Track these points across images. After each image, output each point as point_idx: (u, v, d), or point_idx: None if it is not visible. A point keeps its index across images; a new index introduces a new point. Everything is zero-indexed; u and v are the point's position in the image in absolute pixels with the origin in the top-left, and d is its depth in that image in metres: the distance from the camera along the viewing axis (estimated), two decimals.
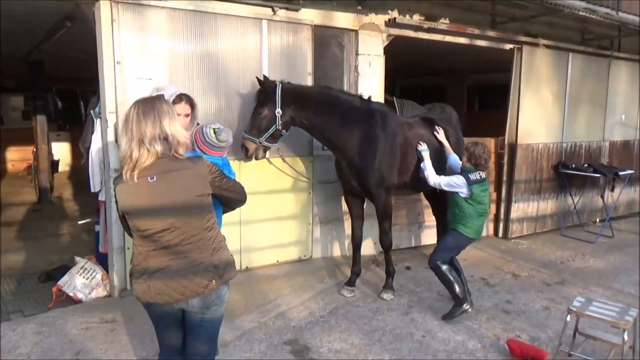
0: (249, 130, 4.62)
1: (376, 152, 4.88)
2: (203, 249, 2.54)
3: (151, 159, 2.39)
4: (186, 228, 2.48)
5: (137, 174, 2.39)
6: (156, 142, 2.38)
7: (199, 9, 4.80)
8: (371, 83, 6.11)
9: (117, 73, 4.48)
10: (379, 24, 6.07)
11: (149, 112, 2.41)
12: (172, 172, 2.43)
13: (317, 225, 5.98)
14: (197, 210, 2.51)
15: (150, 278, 2.51)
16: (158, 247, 2.49)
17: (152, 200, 2.44)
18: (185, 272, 2.50)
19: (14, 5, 5.03)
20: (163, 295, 2.51)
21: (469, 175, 4.52)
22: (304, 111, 4.68)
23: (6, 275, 5.75)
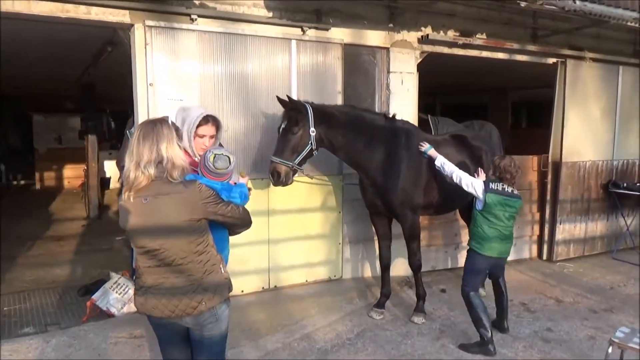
0: (280, 152, 4.39)
1: (400, 171, 4.78)
2: (193, 271, 2.59)
3: (145, 181, 2.48)
4: (174, 250, 2.55)
5: (133, 194, 2.50)
6: (150, 166, 2.47)
7: (229, 31, 4.92)
8: (403, 101, 6.03)
9: (150, 95, 4.63)
10: (411, 41, 6.01)
11: (148, 135, 2.51)
12: (163, 196, 2.50)
13: (347, 245, 5.90)
14: (185, 234, 2.55)
15: (146, 292, 2.62)
16: (153, 265, 2.58)
17: (144, 221, 2.53)
18: (175, 292, 2.57)
19: (62, 33, 5.35)
20: (156, 310, 2.61)
21: (490, 182, 4.35)
22: (332, 130, 4.60)
23: (50, 288, 6.01)
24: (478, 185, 4.35)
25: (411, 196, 4.85)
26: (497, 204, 4.28)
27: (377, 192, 4.86)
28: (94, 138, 10.45)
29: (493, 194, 4.28)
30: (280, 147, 4.42)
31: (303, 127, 4.40)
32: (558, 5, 5.37)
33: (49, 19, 4.25)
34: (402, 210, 4.86)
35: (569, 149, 7.08)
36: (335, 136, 4.62)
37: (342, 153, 4.77)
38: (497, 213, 4.29)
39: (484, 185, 4.33)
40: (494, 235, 4.33)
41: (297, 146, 4.42)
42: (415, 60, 6.07)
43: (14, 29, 5.09)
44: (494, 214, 4.30)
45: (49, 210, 11.31)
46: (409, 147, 4.87)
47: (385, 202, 4.86)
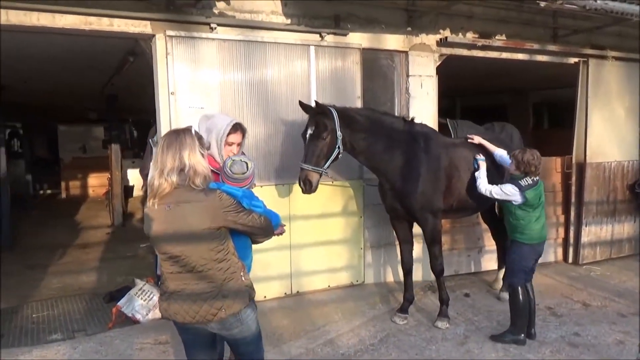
0: (310, 159, 4.33)
1: (419, 175, 4.76)
2: (213, 278, 2.63)
3: (168, 188, 2.54)
4: (195, 257, 2.59)
5: (157, 201, 2.57)
6: (173, 173, 2.53)
7: (248, 38, 4.97)
8: (423, 104, 6.00)
9: (171, 103, 4.70)
10: (430, 44, 5.98)
11: (172, 144, 2.59)
12: (185, 204, 2.55)
13: (369, 250, 5.88)
14: (205, 241, 2.59)
15: (169, 298, 2.69)
16: (175, 271, 2.64)
17: (166, 227, 2.59)
18: (196, 298, 2.62)
19: (86, 45, 5.47)
20: (178, 315, 2.67)
21: (519, 182, 4.39)
22: (354, 133, 4.57)
23: (76, 295, 6.13)
24: (512, 190, 4.39)
25: (431, 200, 4.82)
26: (534, 197, 4.41)
27: (396, 196, 4.85)
28: (117, 147, 10.64)
29: (529, 191, 4.37)
30: (310, 154, 4.36)
31: (331, 132, 4.38)
32: (579, 5, 5.29)
33: (73, 31, 4.36)
34: (422, 214, 4.83)
35: (593, 150, 6.95)
36: (357, 139, 4.60)
37: (362, 157, 4.76)
38: (534, 203, 4.43)
39: (517, 187, 4.38)
40: (536, 220, 4.46)
41: (327, 151, 4.40)
42: (434, 63, 6.04)
43: (39, 42, 5.24)
44: (531, 205, 4.42)
45: (74, 218, 11.55)
46: (428, 151, 4.84)
47: (405, 206, 4.83)
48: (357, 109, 4.83)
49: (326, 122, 4.37)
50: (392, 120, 4.89)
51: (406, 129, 4.88)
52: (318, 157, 4.37)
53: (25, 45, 5.48)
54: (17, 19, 4.14)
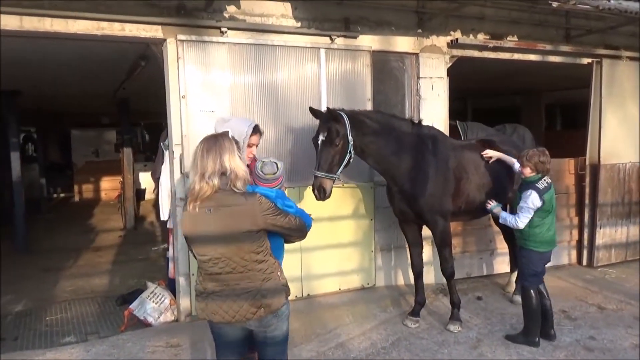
0: (323, 166, 4.28)
1: (428, 177, 4.73)
2: (253, 279, 2.70)
3: (210, 191, 2.58)
4: (235, 259, 2.66)
5: (198, 205, 2.61)
6: (215, 177, 2.58)
7: (258, 42, 4.99)
8: (434, 106, 5.97)
9: (182, 107, 4.73)
10: (440, 46, 5.95)
11: (211, 148, 2.63)
12: (226, 207, 2.61)
13: (379, 253, 5.86)
14: (246, 244, 2.65)
15: (207, 298, 2.74)
16: (214, 272, 2.70)
17: (207, 230, 2.64)
18: (236, 298, 2.69)
19: (97, 51, 5.53)
20: (217, 315, 2.73)
21: (537, 186, 4.31)
22: (364, 137, 4.56)
23: (89, 298, 6.18)
24: (535, 199, 4.29)
25: (440, 202, 4.79)
26: (549, 200, 4.35)
27: (405, 198, 4.82)
28: (129, 151, 10.73)
29: (547, 193, 4.32)
30: (323, 161, 4.31)
31: (343, 137, 4.35)
32: (592, 5, 5.23)
33: (86, 36, 4.41)
34: (431, 217, 4.80)
35: (608, 151, 6.86)
36: (367, 143, 4.59)
37: (372, 159, 4.74)
38: (549, 207, 4.37)
39: (537, 192, 4.29)
40: (547, 229, 4.40)
41: (339, 158, 4.37)
42: (445, 65, 6.01)
43: (53, 48, 5.31)
44: (547, 210, 4.35)
45: (87, 221, 11.66)
46: (436, 153, 4.82)
47: (415, 208, 4.81)
48: (366, 112, 4.82)
49: (338, 128, 4.35)
50: (401, 122, 4.87)
51: (414, 131, 4.86)
52: (331, 163, 4.35)
53: (40, 51, 5.56)
54: (32, 25, 4.19)
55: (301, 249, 5.31)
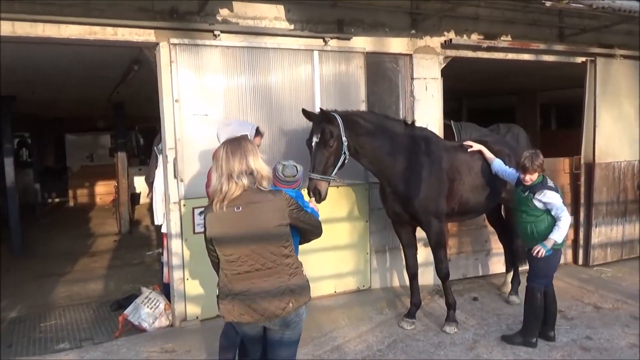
0: (318, 168, 4.26)
1: (421, 178, 4.73)
2: (281, 273, 2.79)
3: (239, 190, 2.68)
4: (266, 254, 2.74)
5: (226, 204, 2.68)
6: (243, 176, 2.69)
7: (252, 44, 4.97)
8: (428, 107, 5.96)
9: (176, 110, 4.71)
10: (434, 47, 5.95)
11: (236, 150, 2.73)
12: (255, 204, 2.71)
13: (375, 255, 5.84)
14: (276, 238, 2.76)
15: (234, 299, 2.79)
16: (242, 271, 2.76)
17: (237, 228, 2.72)
18: (265, 295, 2.75)
19: (90, 55, 5.51)
20: (245, 315, 2.78)
21: (551, 185, 4.35)
22: (358, 137, 4.55)
23: (84, 304, 6.15)
24: (559, 196, 4.34)
25: (434, 204, 4.78)
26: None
27: (399, 200, 4.81)
28: (123, 155, 10.69)
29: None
30: (318, 163, 4.30)
31: (337, 138, 4.34)
32: (585, 4, 5.24)
33: (78, 41, 4.38)
34: (426, 218, 4.79)
35: (602, 150, 6.88)
36: (361, 143, 4.58)
37: (366, 160, 4.73)
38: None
39: (558, 193, 4.34)
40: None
41: (334, 159, 4.36)
42: (439, 65, 6.01)
43: (47, 53, 5.28)
44: None
45: (82, 226, 11.60)
46: (429, 154, 4.82)
47: (409, 210, 4.80)
48: (360, 113, 4.81)
49: (332, 129, 4.34)
50: (394, 123, 4.86)
51: (407, 132, 4.86)
52: (326, 165, 4.33)
53: (33, 56, 5.53)
54: (24, 31, 4.16)
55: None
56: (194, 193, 4.79)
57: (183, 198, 4.77)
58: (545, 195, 4.28)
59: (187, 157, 4.76)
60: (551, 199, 4.29)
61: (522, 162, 4.33)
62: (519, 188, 4.49)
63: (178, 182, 4.76)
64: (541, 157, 4.32)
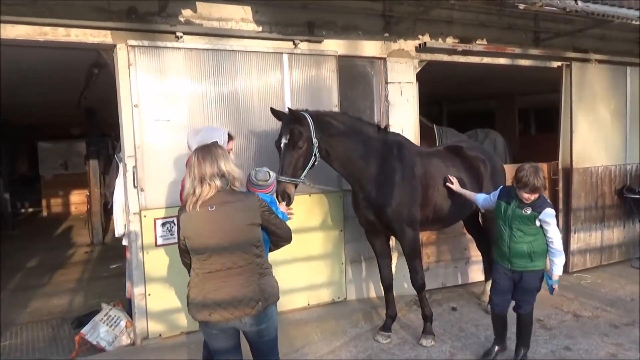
0: (286, 170, 4.07)
1: (394, 185, 4.55)
2: (252, 273, 2.90)
3: (212, 191, 2.82)
4: (237, 253, 2.85)
5: (200, 204, 2.80)
6: (215, 178, 2.83)
7: (217, 47, 4.75)
8: (403, 112, 5.81)
9: (135, 116, 4.47)
10: (408, 50, 5.80)
11: (207, 155, 2.87)
12: (229, 204, 2.85)
13: (350, 265, 5.64)
14: (248, 237, 2.88)
15: (205, 298, 2.86)
16: (214, 270, 2.86)
17: (210, 227, 2.83)
18: (236, 294, 2.85)
19: (53, 57, 5.20)
20: (215, 314, 2.85)
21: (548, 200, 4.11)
22: (330, 139, 4.34)
23: (44, 321, 5.81)
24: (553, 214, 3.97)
25: (408, 211, 4.60)
26: None
27: (371, 207, 4.62)
28: (95, 163, 10.36)
29: None
30: (287, 165, 4.10)
31: (307, 140, 4.15)
32: (558, 7, 5.15)
33: (26, 42, 4.12)
34: (399, 226, 4.60)
35: (580, 155, 6.79)
36: (332, 145, 4.38)
37: (337, 163, 4.53)
38: None
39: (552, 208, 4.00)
40: None
41: (303, 161, 4.16)
42: (414, 69, 5.86)
43: (10, 56, 4.97)
44: None
45: (54, 237, 11.20)
46: (402, 159, 4.65)
47: (382, 218, 4.61)
48: (331, 113, 4.62)
49: (301, 129, 4.14)
50: (367, 126, 4.69)
51: (380, 136, 4.68)
52: (295, 167, 4.13)
53: None
54: None
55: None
56: (155, 203, 4.55)
57: (144, 208, 4.52)
58: (546, 214, 3.90)
59: (147, 165, 4.51)
60: (551, 220, 3.92)
61: (525, 178, 3.80)
62: (512, 204, 4.00)
63: (138, 192, 4.51)
64: (539, 177, 3.85)
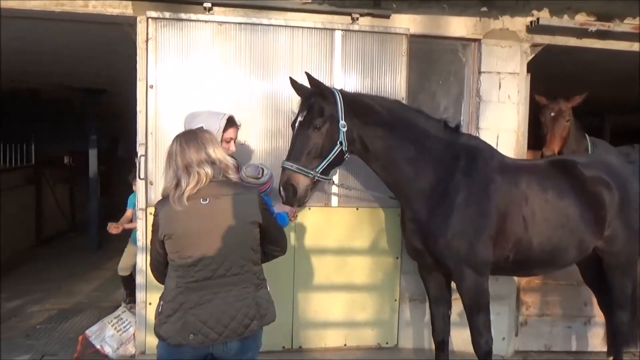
0: (296, 156, 3.10)
1: (452, 206, 3.26)
2: (247, 283, 2.38)
3: (204, 181, 2.29)
4: (233, 257, 2.33)
5: (187, 197, 2.27)
6: (204, 165, 2.30)
7: (252, 21, 3.97)
8: (502, 112, 4.39)
9: (150, 99, 3.90)
10: (515, 30, 4.36)
11: (191, 140, 2.36)
12: (225, 196, 2.33)
13: (407, 303, 4.40)
14: (248, 237, 2.37)
15: (186, 314, 2.29)
16: (201, 278, 2.30)
17: (202, 223, 2.30)
18: (227, 308, 2.31)
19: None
20: (198, 335, 2.27)
21: None
22: (368, 128, 3.27)
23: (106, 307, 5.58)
24: None
25: (469, 245, 3.27)
26: None
27: (420, 232, 3.39)
28: None
29: None
30: (297, 149, 3.13)
31: (329, 119, 3.14)
32: None
33: (42, 14, 3.81)
34: (456, 266, 3.30)
35: None
36: (371, 136, 3.28)
37: (377, 164, 3.41)
38: None
39: None
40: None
41: (321, 147, 3.13)
42: (523, 56, 4.39)
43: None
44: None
45: None
46: (471, 172, 3.33)
47: (431, 249, 3.35)
48: (375, 96, 3.54)
49: (323, 105, 3.15)
50: (426, 121, 3.46)
51: (446, 137, 3.43)
52: (308, 154, 3.11)
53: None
54: None
55: (294, 285, 4.15)
56: None
57: (151, 205, 3.93)
58: None
59: (160, 155, 3.90)
60: None
61: None
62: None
63: (147, 185, 3.94)
64: None
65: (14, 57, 5.77)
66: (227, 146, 3.00)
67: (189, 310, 2.29)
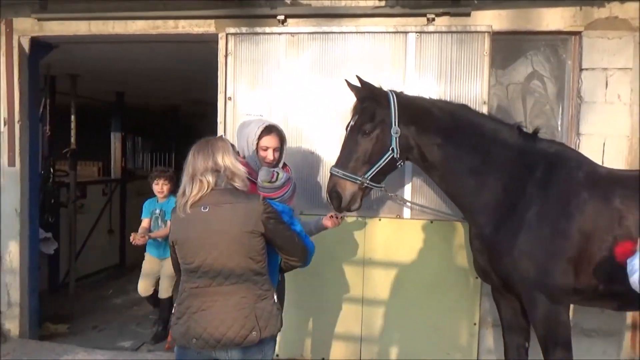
0: (344, 161, 3.04)
1: (522, 222, 2.85)
2: (247, 293, 2.36)
3: (205, 189, 2.35)
4: (231, 265, 2.33)
5: (190, 205, 2.36)
6: (208, 173, 2.36)
7: (323, 29, 3.98)
8: (609, 115, 3.76)
9: (228, 110, 4.13)
10: (627, 18, 3.71)
11: (202, 149, 2.43)
12: (226, 204, 2.36)
13: (489, 328, 3.96)
14: (246, 247, 2.35)
15: (190, 319, 2.37)
16: (202, 285, 2.37)
17: (201, 230, 2.36)
18: (225, 317, 2.32)
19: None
20: (199, 340, 2.33)
21: None
22: (425, 135, 3.07)
23: None
24: None
25: (540, 268, 2.83)
26: None
27: (486, 249, 3.04)
28: None
29: None
30: (344, 155, 3.07)
31: (381, 124, 3.03)
32: None
33: (142, 37, 4.29)
34: (526, 291, 2.89)
35: None
36: (428, 144, 3.08)
37: (437, 174, 3.18)
38: None
39: None
40: None
41: (370, 153, 3.03)
42: (637, 48, 3.72)
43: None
44: None
45: None
46: (548, 185, 2.90)
47: (496, 269, 2.98)
48: (435, 100, 3.28)
49: (375, 109, 3.04)
50: (497, 126, 3.11)
51: (519, 144, 3.04)
52: (357, 160, 3.02)
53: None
54: (97, 29, 4.30)
55: (363, 299, 4.02)
56: None
57: None
58: None
59: None
60: None
61: None
62: None
63: None
64: None
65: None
66: (264, 154, 2.98)
67: (193, 315, 2.36)
